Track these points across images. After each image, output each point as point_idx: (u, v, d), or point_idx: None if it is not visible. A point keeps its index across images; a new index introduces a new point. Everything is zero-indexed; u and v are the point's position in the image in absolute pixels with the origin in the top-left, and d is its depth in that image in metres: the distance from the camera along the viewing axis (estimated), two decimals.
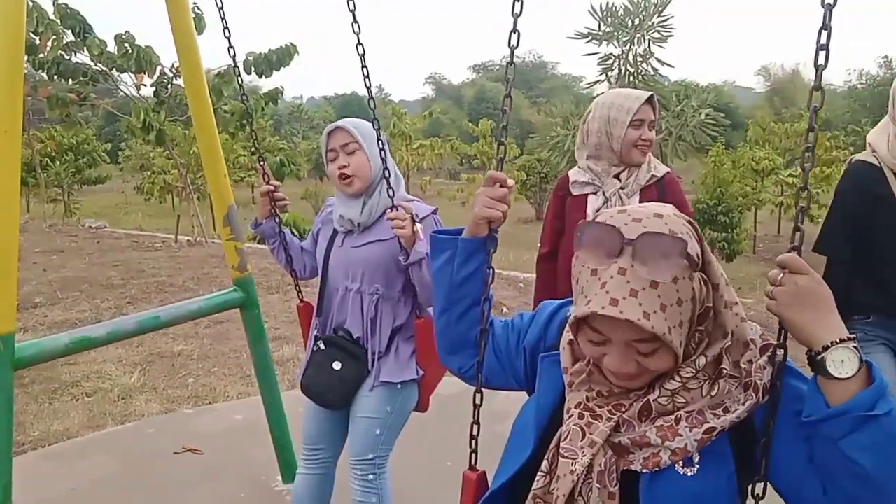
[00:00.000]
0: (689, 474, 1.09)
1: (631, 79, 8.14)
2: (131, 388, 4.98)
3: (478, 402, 1.38)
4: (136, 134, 9.98)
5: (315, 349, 2.38)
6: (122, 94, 10.98)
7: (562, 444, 1.15)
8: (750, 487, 1.14)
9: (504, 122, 1.39)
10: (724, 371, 1.11)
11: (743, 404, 1.10)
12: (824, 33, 1.09)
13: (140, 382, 5.10)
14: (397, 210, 2.16)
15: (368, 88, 2.14)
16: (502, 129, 1.40)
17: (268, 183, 2.50)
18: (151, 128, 9.41)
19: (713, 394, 1.10)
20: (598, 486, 1.11)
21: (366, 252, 2.31)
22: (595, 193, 2.56)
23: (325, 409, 2.38)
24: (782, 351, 1.11)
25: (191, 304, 2.79)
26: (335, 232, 2.40)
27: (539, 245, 2.80)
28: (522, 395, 1.39)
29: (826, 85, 1.19)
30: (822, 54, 1.11)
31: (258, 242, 12.31)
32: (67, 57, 9.91)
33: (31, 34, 9.15)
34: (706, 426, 1.09)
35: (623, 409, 1.13)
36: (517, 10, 1.35)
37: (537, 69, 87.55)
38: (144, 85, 10.25)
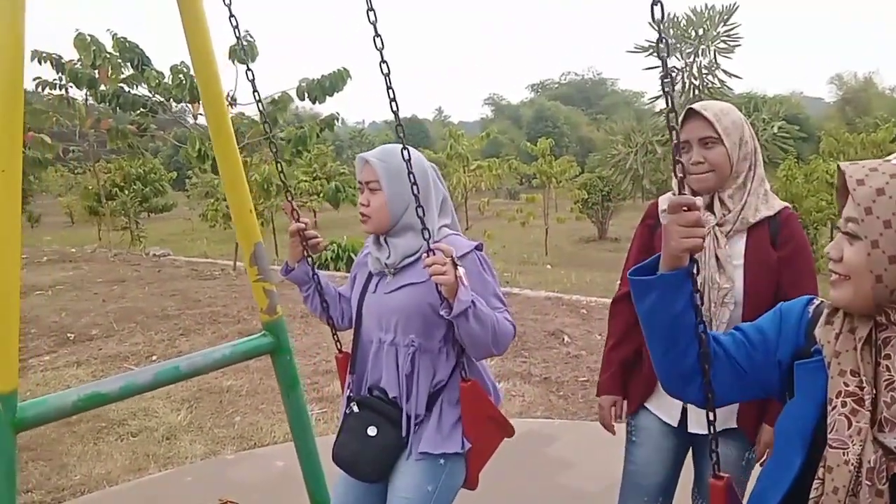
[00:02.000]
0: None
1: (696, 92, 7.72)
2: (177, 427, 4.83)
3: (711, 418, 1.39)
4: (193, 163, 10.03)
5: (348, 412, 2.08)
6: (185, 123, 11.16)
7: (829, 436, 1.14)
8: None
9: (675, 139, 1.31)
10: None
11: None
12: None
13: (187, 421, 4.95)
14: (434, 254, 1.82)
15: (395, 113, 1.83)
16: (675, 146, 1.31)
17: (297, 220, 2.20)
18: (207, 156, 9.42)
19: None
20: (867, 482, 1.09)
21: (399, 298, 2.01)
22: None
23: (360, 481, 2.08)
24: None
25: (214, 353, 2.56)
26: (370, 276, 2.12)
27: (619, 284, 2.33)
28: (585, 447, 1.34)
29: None
30: None
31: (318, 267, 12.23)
32: (127, 89, 10.07)
33: (89, 68, 9.34)
34: None
35: (887, 404, 1.11)
36: (658, 15, 1.27)
37: (597, 86, 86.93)
38: (201, 114, 10.35)
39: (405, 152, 1.86)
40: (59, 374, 6.10)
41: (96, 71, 9.36)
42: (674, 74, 8.04)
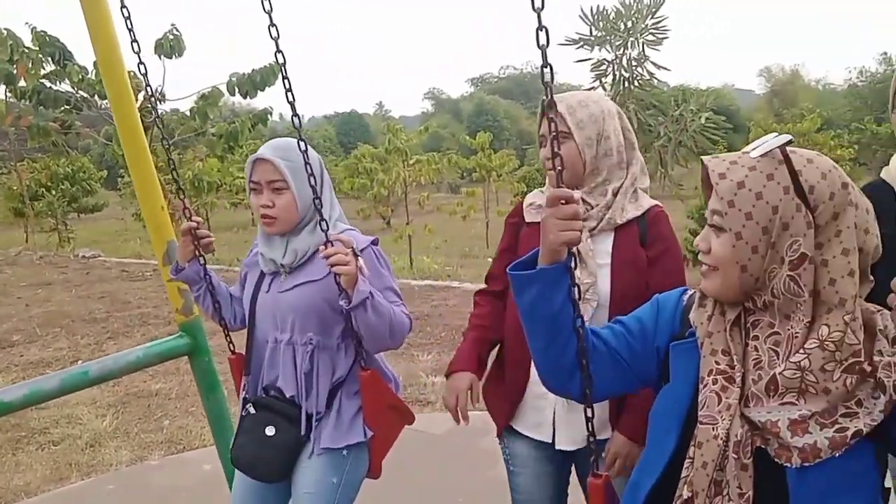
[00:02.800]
0: (837, 455, 1.09)
1: (626, 84, 7.83)
2: (102, 433, 4.66)
3: (589, 415, 1.37)
4: (121, 161, 9.72)
5: (244, 414, 2.03)
6: (112, 121, 10.77)
7: (700, 413, 1.17)
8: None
9: (553, 131, 1.29)
10: (857, 366, 1.09)
11: (875, 401, 1.10)
12: None
13: (112, 427, 4.78)
14: (332, 245, 1.80)
15: (292, 104, 1.80)
16: (552, 139, 1.29)
17: (189, 219, 2.10)
18: None
19: (848, 384, 1.08)
20: (733, 456, 1.12)
21: (295, 296, 1.97)
22: None
23: (261, 482, 2.02)
24: None
25: (128, 355, 2.46)
26: (262, 275, 2.06)
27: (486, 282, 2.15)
28: None
29: (826, 84, 0.91)
30: None
31: None
32: (49, 85, 9.68)
33: (6, 63, 8.93)
34: (838, 426, 1.09)
35: (754, 381, 1.14)
36: (538, 4, 1.21)
37: (535, 79, 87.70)
38: None
39: (302, 144, 1.82)
40: None
41: (14, 66, 8.96)
42: (604, 67, 8.18)
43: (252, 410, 2.01)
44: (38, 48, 9.26)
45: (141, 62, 2.07)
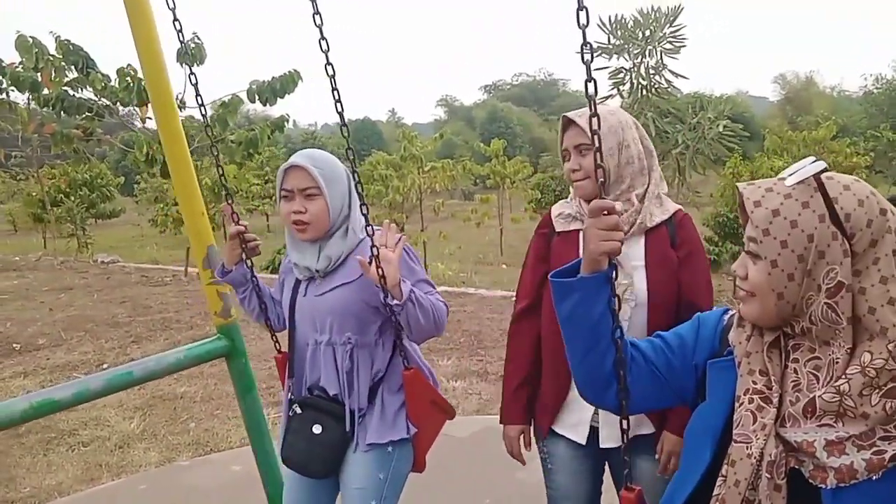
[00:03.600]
0: (874, 478, 1.08)
1: (644, 92, 7.88)
2: (130, 435, 4.75)
3: (625, 427, 1.39)
4: (141, 168, 9.84)
5: (291, 414, 2.10)
6: (133, 127, 10.92)
7: (735, 431, 1.17)
8: None
9: (597, 143, 1.31)
10: None
11: None
12: None
13: (140, 429, 4.87)
14: (378, 249, 1.87)
15: (340, 114, 1.88)
16: (595, 151, 1.32)
17: (237, 223, 2.18)
18: (155, 160, 9.25)
19: (888, 409, 1.07)
20: (766, 475, 1.12)
21: (332, 298, 2.03)
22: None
23: (311, 479, 2.10)
24: None
25: (168, 357, 2.54)
26: (298, 281, 2.13)
27: (515, 301, 2.21)
28: None
29: (841, 91, 0.94)
30: None
31: (271, 272, 12.15)
32: (72, 93, 9.82)
33: (32, 71, 9.08)
34: (875, 448, 1.08)
35: (791, 402, 1.14)
36: (584, 21, 1.26)
37: (548, 86, 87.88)
38: (149, 118, 10.16)
39: (350, 152, 1.91)
40: (5, 385, 5.95)
41: (39, 74, 9.10)
42: (622, 75, 8.22)
43: (298, 410, 2.08)
44: (61, 56, 9.41)
45: (192, 73, 2.14)
